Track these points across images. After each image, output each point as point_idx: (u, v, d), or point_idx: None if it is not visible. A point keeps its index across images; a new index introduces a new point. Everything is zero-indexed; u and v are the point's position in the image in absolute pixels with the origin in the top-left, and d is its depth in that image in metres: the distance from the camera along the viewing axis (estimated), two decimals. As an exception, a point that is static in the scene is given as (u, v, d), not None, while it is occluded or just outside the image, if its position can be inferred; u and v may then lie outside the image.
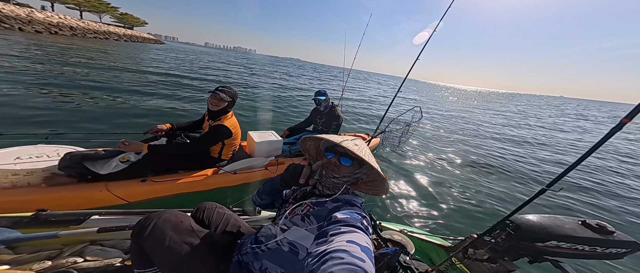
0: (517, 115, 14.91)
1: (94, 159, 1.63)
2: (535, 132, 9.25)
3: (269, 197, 0.97)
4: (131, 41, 40.66)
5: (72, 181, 1.59)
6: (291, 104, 7.61)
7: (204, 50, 65.46)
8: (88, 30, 32.49)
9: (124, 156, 1.71)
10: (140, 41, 45.52)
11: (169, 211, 0.85)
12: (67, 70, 7.03)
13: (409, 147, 4.88)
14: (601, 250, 1.00)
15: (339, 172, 0.78)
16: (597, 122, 17.47)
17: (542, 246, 1.03)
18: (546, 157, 5.77)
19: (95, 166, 1.60)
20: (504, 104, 25.51)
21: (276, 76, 17.29)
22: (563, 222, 1.07)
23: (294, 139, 3.06)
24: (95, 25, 35.97)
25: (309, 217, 0.73)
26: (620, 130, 0.85)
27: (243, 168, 2.17)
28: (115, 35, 38.47)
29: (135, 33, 49.88)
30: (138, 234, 0.77)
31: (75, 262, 0.99)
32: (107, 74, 7.67)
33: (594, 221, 1.06)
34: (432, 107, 13.29)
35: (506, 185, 3.71)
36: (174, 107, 5.30)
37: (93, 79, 6.60)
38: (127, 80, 7.23)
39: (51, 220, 1.02)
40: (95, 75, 7.10)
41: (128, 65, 10.16)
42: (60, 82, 5.69)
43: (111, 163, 1.64)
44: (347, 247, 0.48)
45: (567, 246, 1.01)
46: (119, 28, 45.59)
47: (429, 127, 7.50)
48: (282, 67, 32.17)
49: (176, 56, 21.19)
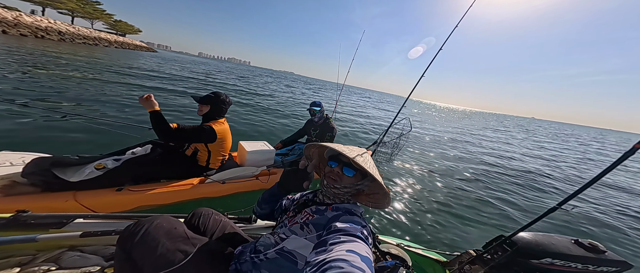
0: (506, 135, 15.41)
1: (64, 165, 1.47)
2: (527, 151, 9.53)
3: (268, 206, 0.96)
4: (122, 48, 40.07)
5: (36, 191, 1.41)
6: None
7: (201, 61, 65.02)
8: (77, 35, 31.75)
9: (101, 162, 1.56)
10: (132, 48, 44.94)
11: (161, 216, 0.80)
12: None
13: (401, 161, 4.87)
14: (593, 269, 1.04)
15: (340, 182, 0.76)
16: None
17: (537, 263, 1.06)
18: (538, 173, 5.92)
19: (65, 173, 1.44)
20: (497, 124, 26.53)
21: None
22: (558, 241, 1.12)
23: (286, 150, 2.99)
24: (85, 31, 35.28)
25: (308, 226, 0.71)
26: (633, 154, 0.87)
27: (232, 178, 2.04)
28: (106, 42, 37.83)
29: (127, 40, 49.18)
30: (126, 240, 0.72)
31: (49, 270, 0.90)
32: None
33: (586, 240, 1.11)
34: (430, 125, 13.52)
35: (498, 200, 3.72)
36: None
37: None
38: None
39: (31, 223, 0.95)
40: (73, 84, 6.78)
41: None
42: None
43: (84, 170, 1.48)
44: (346, 256, 0.47)
45: (561, 264, 1.05)
46: (110, 34, 44.91)
47: (428, 138, 7.58)
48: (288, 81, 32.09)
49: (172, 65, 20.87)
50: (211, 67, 35.18)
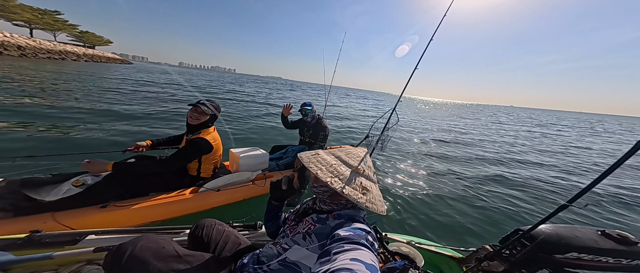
0: (503, 127, 15.78)
1: (37, 185, 1.32)
2: (531, 143, 9.76)
3: (273, 223, 0.95)
4: (93, 61, 37.77)
5: (7, 215, 1.25)
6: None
7: (184, 71, 62.47)
8: (40, 50, 29.43)
9: (79, 179, 1.42)
10: (104, 61, 42.46)
11: (144, 236, 0.75)
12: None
13: (407, 157, 4.94)
14: (627, 262, 0.94)
15: (318, 182, 0.76)
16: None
17: (562, 258, 0.97)
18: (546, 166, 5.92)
19: (39, 193, 1.29)
20: (487, 115, 27.80)
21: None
22: (582, 233, 1.02)
23: (280, 154, 2.93)
24: (48, 44, 32.75)
25: (310, 236, 0.69)
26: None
27: (227, 185, 1.95)
28: (74, 55, 35.37)
29: (98, 52, 46.17)
30: (112, 265, 0.68)
31: None
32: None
33: (614, 231, 1.01)
34: (431, 120, 13.84)
35: (507, 192, 3.71)
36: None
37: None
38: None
39: (45, 242, 0.98)
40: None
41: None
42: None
43: (61, 188, 1.34)
44: (351, 265, 0.47)
45: (589, 258, 0.95)
46: (77, 47, 41.99)
47: (426, 134, 7.76)
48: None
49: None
50: (191, 76, 34.04)
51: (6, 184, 1.27)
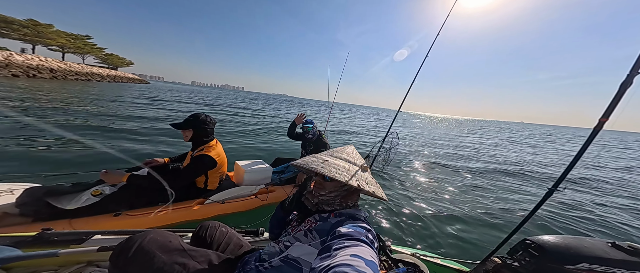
0: (508, 140, 15.90)
1: (59, 194, 1.44)
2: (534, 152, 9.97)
3: (278, 229, 0.96)
4: (115, 81, 40.33)
5: (27, 221, 1.36)
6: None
7: (196, 90, 65.95)
8: (69, 72, 31.96)
9: (98, 189, 1.54)
10: (125, 81, 45.27)
11: (154, 230, 0.79)
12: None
13: (405, 171, 4.92)
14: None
15: (324, 189, 0.78)
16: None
17: (573, 269, 0.96)
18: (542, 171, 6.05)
19: (60, 202, 1.41)
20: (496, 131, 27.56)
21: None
22: (591, 243, 1.01)
23: (282, 168, 3.00)
24: (77, 67, 35.55)
25: (312, 232, 0.71)
26: (602, 128, 0.95)
27: (231, 198, 2.02)
28: (98, 76, 38.12)
29: (119, 73, 49.60)
30: (119, 256, 0.70)
31: None
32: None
33: (625, 243, 1.01)
34: (434, 135, 13.92)
35: (509, 201, 3.72)
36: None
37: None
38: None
39: (54, 240, 1.01)
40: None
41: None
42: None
43: (81, 197, 1.45)
44: (351, 261, 0.47)
45: (601, 269, 0.94)
46: (102, 69, 45.30)
47: (427, 152, 7.76)
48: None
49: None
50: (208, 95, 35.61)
51: (32, 192, 1.38)
